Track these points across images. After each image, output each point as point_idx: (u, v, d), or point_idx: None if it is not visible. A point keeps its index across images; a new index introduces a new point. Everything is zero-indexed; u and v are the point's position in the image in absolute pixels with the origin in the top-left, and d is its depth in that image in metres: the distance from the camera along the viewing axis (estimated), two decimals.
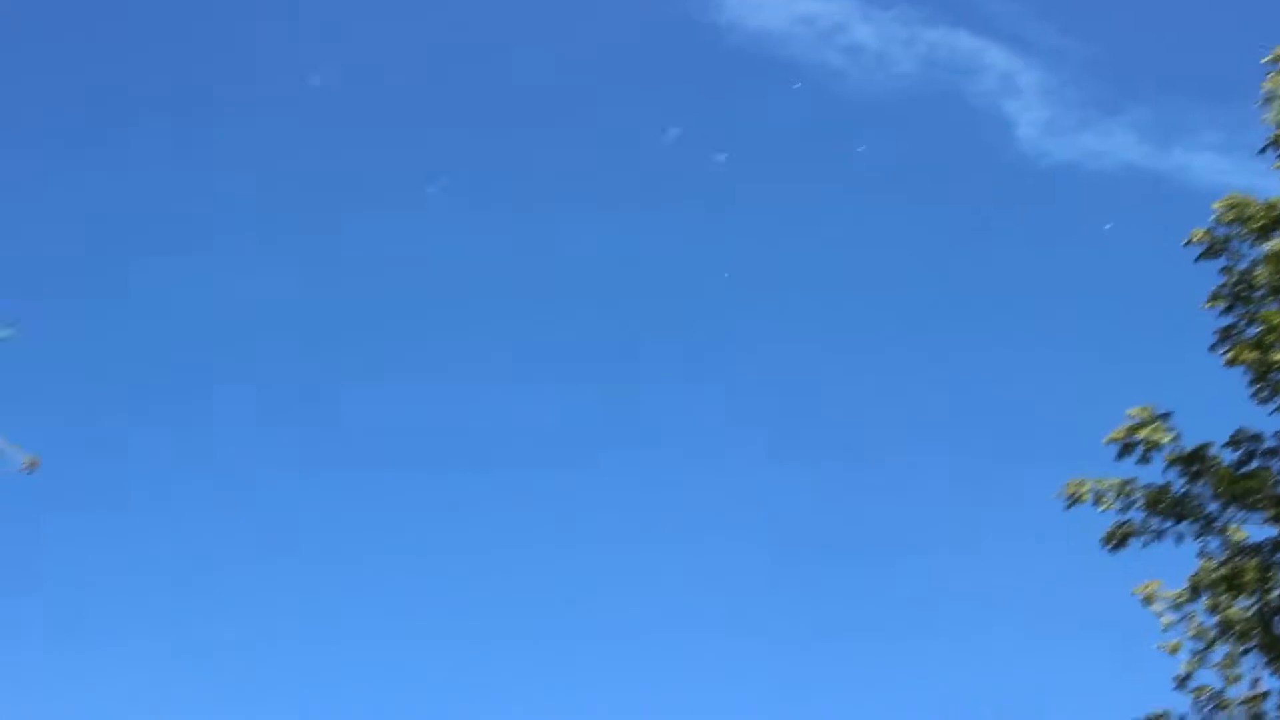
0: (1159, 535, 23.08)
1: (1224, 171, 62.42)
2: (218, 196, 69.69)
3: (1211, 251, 24.29)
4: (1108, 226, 62.60)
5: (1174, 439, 23.29)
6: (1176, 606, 24.03)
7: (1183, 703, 23.73)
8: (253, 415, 66.21)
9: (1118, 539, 23.18)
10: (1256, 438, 23.42)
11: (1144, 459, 23.28)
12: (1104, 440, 23.62)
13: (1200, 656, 23.45)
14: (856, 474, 65.25)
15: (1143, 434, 23.23)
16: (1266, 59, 25.01)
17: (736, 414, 66.75)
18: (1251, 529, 23.09)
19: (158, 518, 63.47)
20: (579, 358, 68.90)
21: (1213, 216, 24.51)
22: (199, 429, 66.00)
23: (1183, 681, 23.85)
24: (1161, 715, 23.44)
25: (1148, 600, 24.71)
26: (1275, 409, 23.44)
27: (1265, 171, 24.68)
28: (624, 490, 65.82)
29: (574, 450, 67.23)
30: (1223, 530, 23.06)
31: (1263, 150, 24.54)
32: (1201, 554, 23.27)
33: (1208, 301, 23.99)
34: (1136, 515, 23.14)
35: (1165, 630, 24.39)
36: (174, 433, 66.00)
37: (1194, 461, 23.01)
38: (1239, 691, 23.44)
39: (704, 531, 63.19)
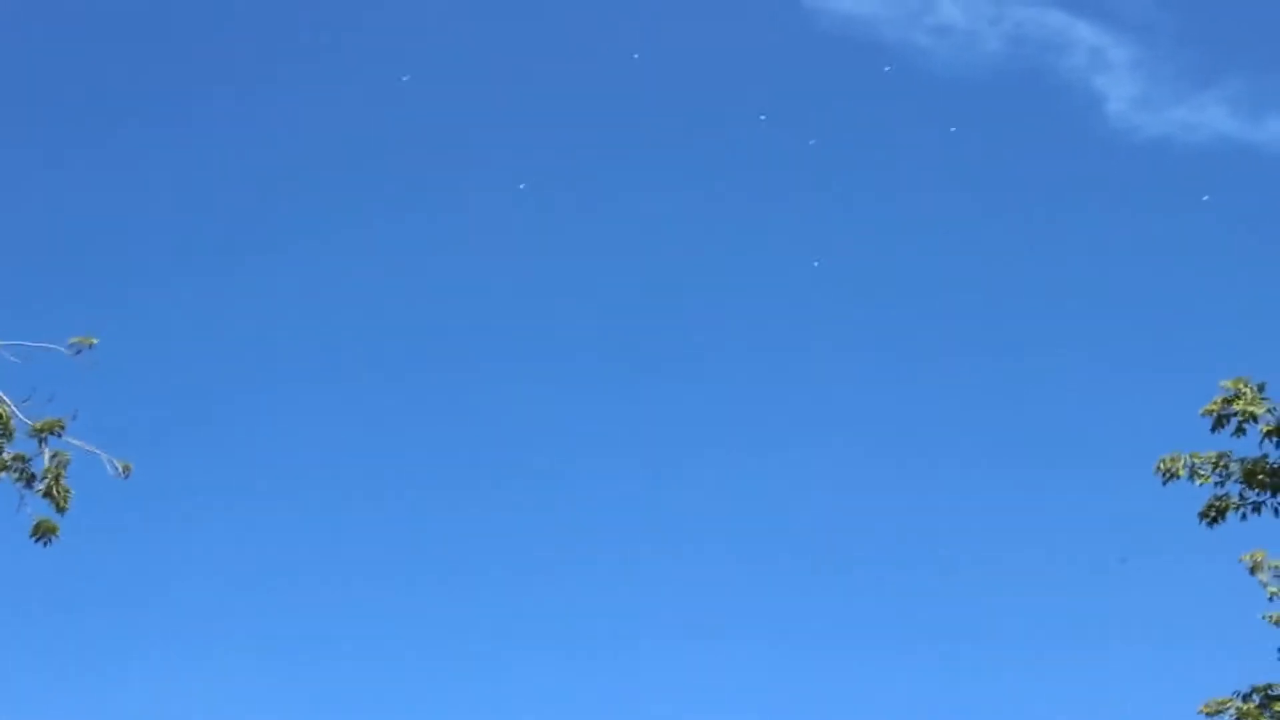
0: (1257, 508, 22.91)
1: None
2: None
3: None
4: (1205, 198, 61.74)
5: (1270, 409, 23.06)
6: None
7: None
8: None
9: (1216, 513, 23.02)
10: None
11: (1239, 431, 23.07)
12: (1199, 412, 23.45)
13: None
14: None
15: (1238, 405, 23.00)
16: None
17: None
18: None
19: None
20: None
21: None
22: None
23: None
24: (1268, 687, 23.27)
25: (1254, 569, 24.55)
26: None
27: None
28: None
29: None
30: None
31: None
32: None
33: None
34: (1233, 489, 23.01)
35: (1270, 599, 24.22)
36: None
37: None
38: None
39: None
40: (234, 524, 61.88)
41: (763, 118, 66.30)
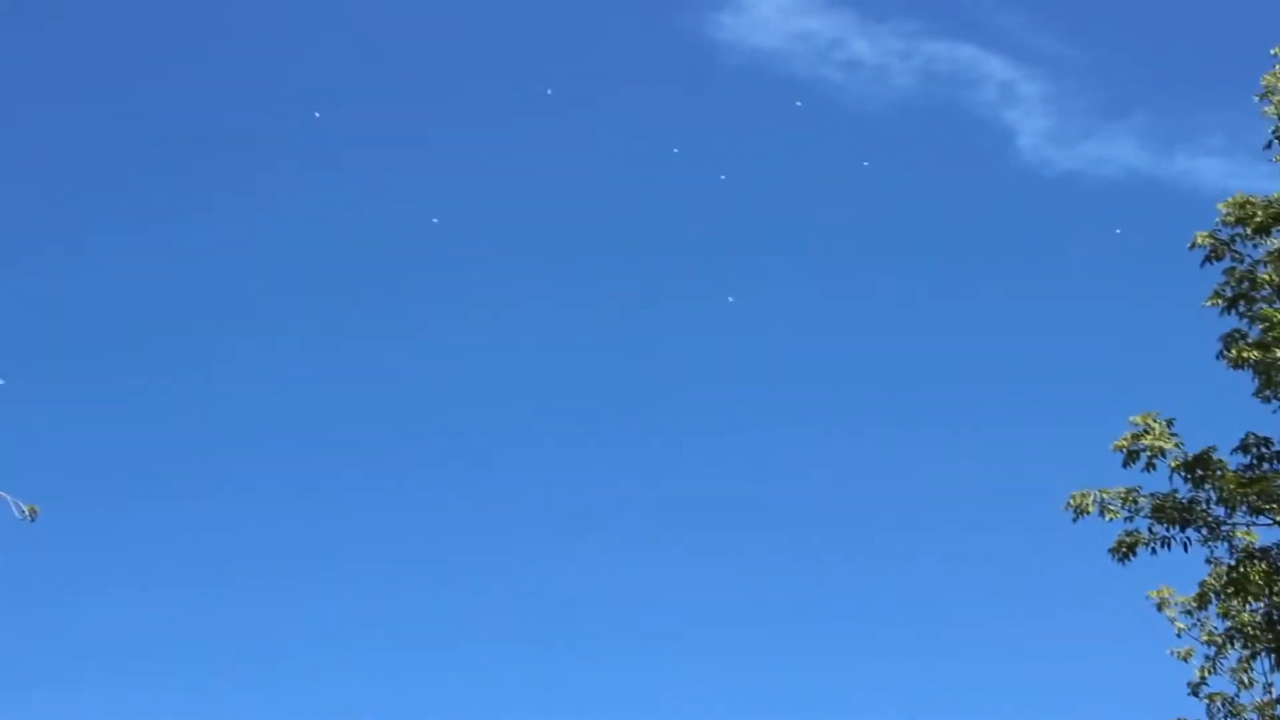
0: (1166, 543, 22.88)
1: (1228, 175, 62.08)
2: None
3: (1215, 254, 24.04)
4: (1118, 231, 62.20)
5: (1178, 445, 23.06)
6: (1188, 612, 23.94)
7: (1197, 709, 23.65)
8: None
9: (1125, 549, 22.97)
10: (1265, 441, 23.17)
11: (1149, 466, 23.05)
12: (1110, 448, 23.44)
13: (1213, 662, 23.35)
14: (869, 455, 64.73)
15: (1147, 441, 23.00)
16: (1276, 50, 24.74)
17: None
18: (1259, 532, 22.94)
19: None
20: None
21: (1217, 218, 24.30)
22: None
23: (1196, 688, 23.76)
24: None
25: (1161, 605, 24.64)
26: None
27: (1269, 174, 24.34)
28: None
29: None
30: (1230, 535, 22.88)
31: (1267, 146, 24.16)
32: (1209, 560, 23.14)
33: (1208, 300, 23.72)
34: (1142, 523, 22.98)
35: (1179, 636, 24.30)
36: None
37: (1198, 467, 22.78)
38: (1252, 697, 23.33)
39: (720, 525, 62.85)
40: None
41: (675, 150, 66.30)
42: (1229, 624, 23.29)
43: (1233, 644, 23.22)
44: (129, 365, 68.59)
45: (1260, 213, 23.78)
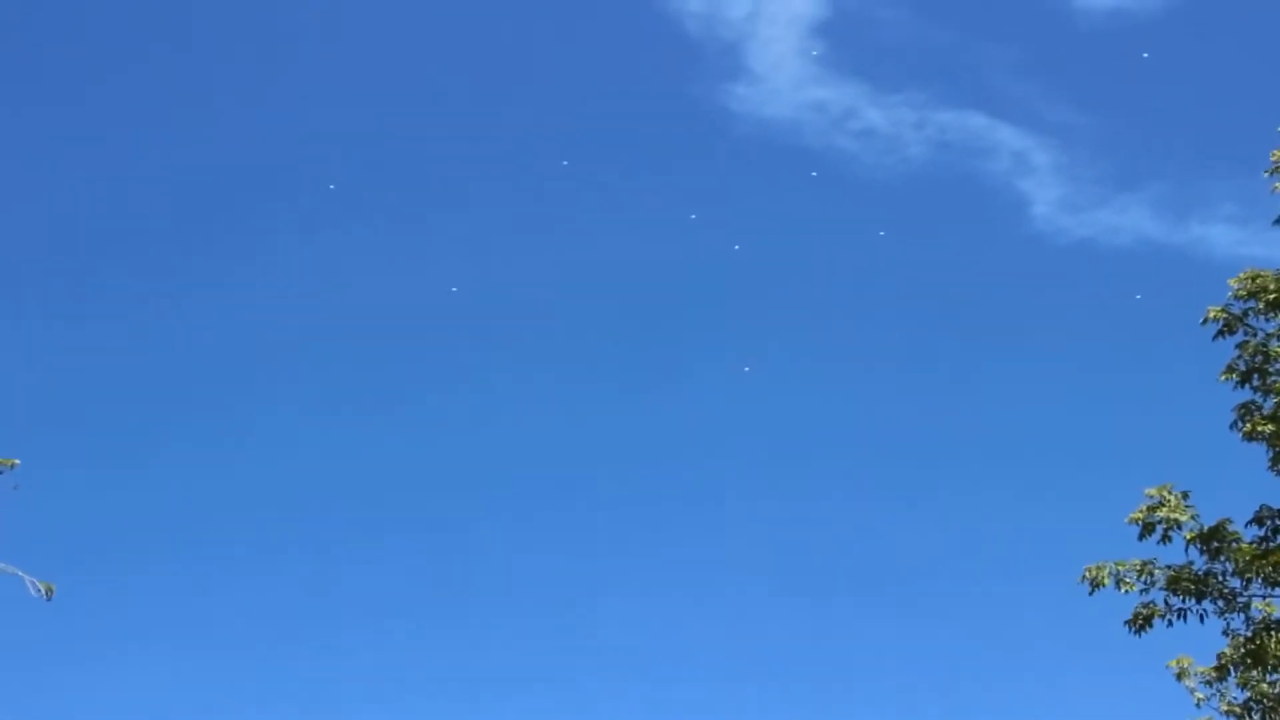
0: (1182, 615, 23.04)
1: (1241, 243, 61.94)
2: None
3: (1228, 329, 24.31)
4: (1138, 297, 62.48)
5: (1193, 517, 23.26)
6: (1208, 682, 24.04)
7: None
8: None
9: (1141, 620, 23.13)
10: None
11: (1164, 538, 23.23)
12: (1125, 520, 23.64)
13: None
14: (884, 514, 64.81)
15: (1162, 513, 23.16)
16: None
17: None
18: (1275, 603, 23.03)
19: None
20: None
21: (1229, 293, 24.57)
22: None
23: None
24: None
25: (1180, 675, 24.74)
26: None
27: None
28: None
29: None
30: (1246, 607, 23.03)
31: (1276, 222, 24.54)
32: (1226, 632, 23.26)
33: (1222, 374, 24.01)
34: (1158, 595, 23.16)
35: (1198, 706, 24.38)
36: None
37: (1214, 539, 22.98)
38: None
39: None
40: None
41: (693, 217, 66.83)
42: (1248, 694, 23.39)
43: (1251, 714, 23.31)
44: (146, 435, 68.85)
45: (1272, 286, 24.01)
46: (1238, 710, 23.76)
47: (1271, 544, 23.02)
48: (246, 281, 71.00)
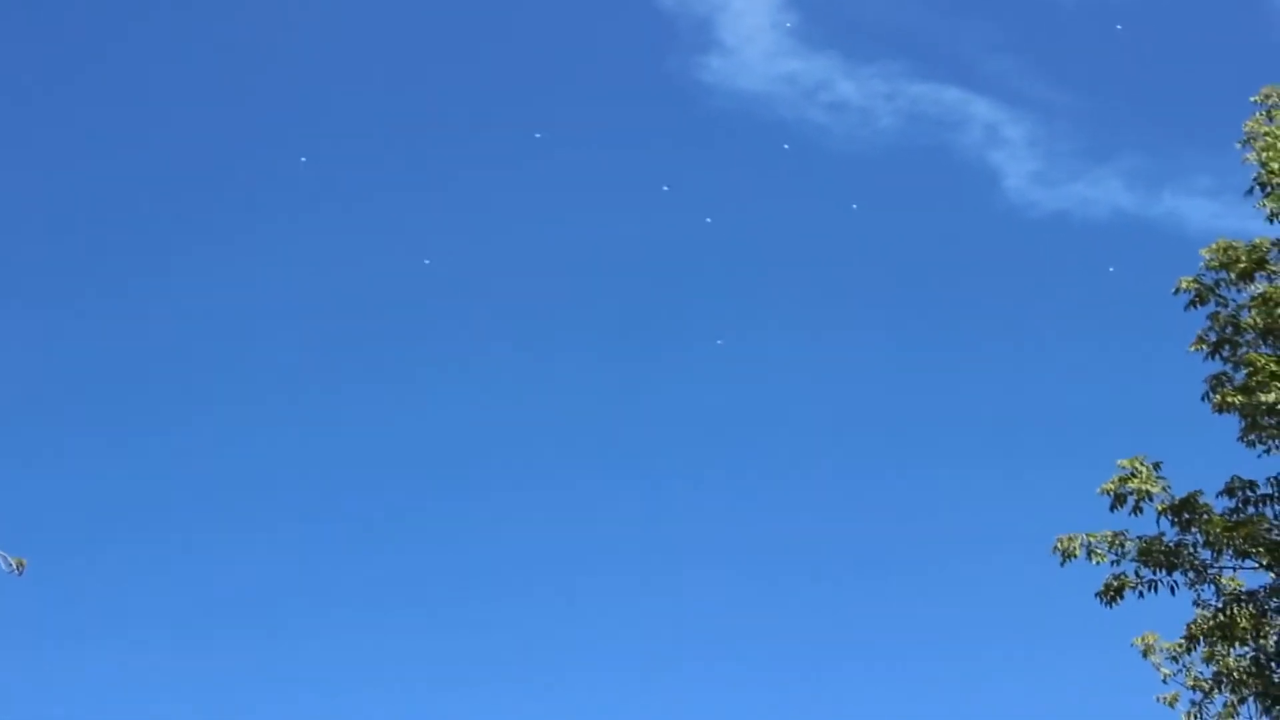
0: (1153, 586, 22.94)
1: (1217, 216, 62.18)
2: None
3: (1200, 299, 24.23)
4: (1111, 269, 62.51)
5: (1165, 488, 23.17)
6: (1174, 658, 23.90)
7: None
8: None
9: (1113, 592, 23.03)
10: (1251, 485, 23.29)
11: (1136, 510, 23.14)
12: (1097, 491, 23.52)
13: (1199, 707, 23.30)
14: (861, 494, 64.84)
15: (1133, 484, 23.08)
16: (1254, 98, 25.07)
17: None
18: (1245, 576, 23.01)
19: None
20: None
21: (1201, 263, 24.49)
22: None
23: None
24: None
25: (1146, 652, 24.58)
26: (1264, 452, 23.41)
27: (1257, 214, 24.61)
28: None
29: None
30: (1216, 579, 22.94)
31: (1248, 192, 24.46)
32: (1196, 603, 23.15)
33: (1193, 345, 23.96)
34: (1129, 567, 23.06)
35: (1164, 682, 24.25)
36: None
37: (1185, 510, 22.89)
38: None
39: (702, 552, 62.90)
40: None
41: (665, 189, 66.54)
42: (1215, 669, 23.26)
43: (1219, 689, 23.19)
44: (139, 409, 68.46)
45: (1244, 257, 23.99)
46: (1205, 685, 23.62)
47: (1242, 515, 22.98)
48: (227, 261, 70.62)
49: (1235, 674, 22.72)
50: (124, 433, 67.81)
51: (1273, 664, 22.47)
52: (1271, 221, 23.71)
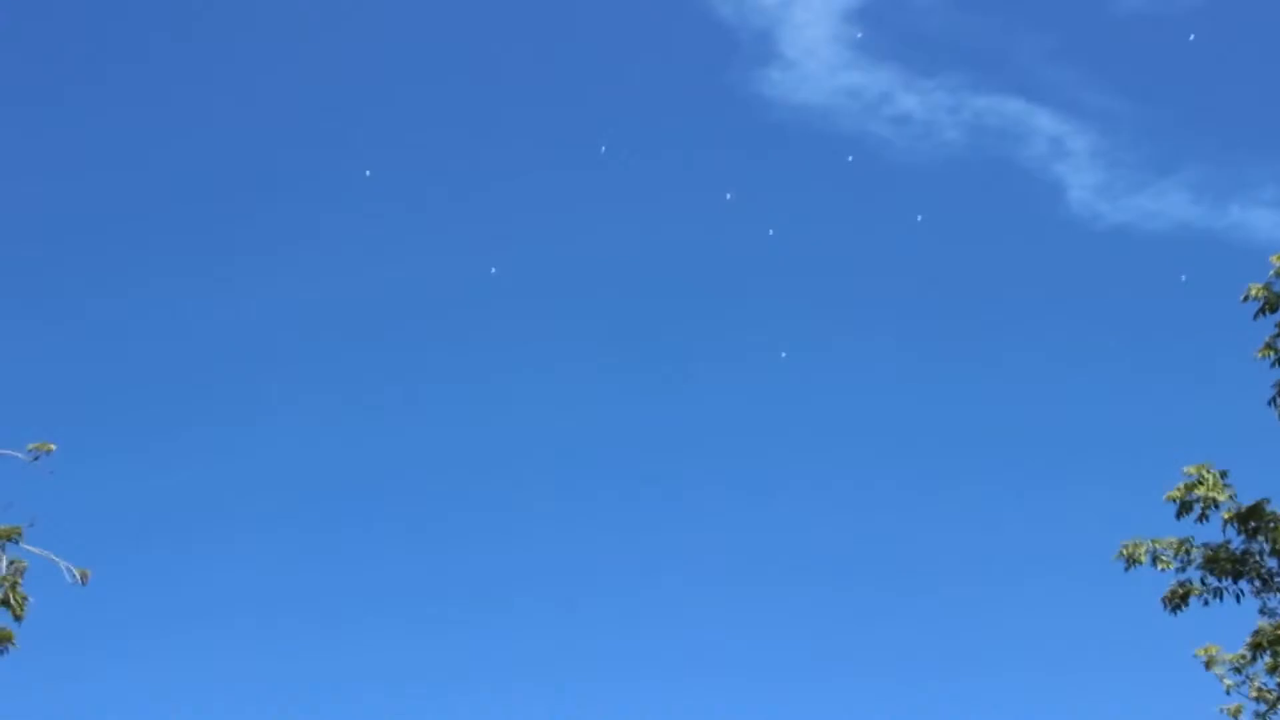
0: (1218, 594, 22.77)
1: None
2: None
3: (1269, 306, 24.00)
4: (1183, 278, 61.95)
5: (1231, 496, 22.97)
6: (1238, 669, 23.67)
7: None
8: None
9: (1178, 599, 22.87)
10: None
11: (1202, 517, 22.97)
12: (1163, 498, 23.35)
13: (1263, 718, 23.07)
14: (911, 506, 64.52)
15: (1200, 491, 22.91)
16: None
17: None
18: None
19: None
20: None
21: (1271, 270, 24.28)
22: None
23: None
24: None
25: (1209, 664, 24.36)
26: None
27: None
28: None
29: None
30: None
31: None
32: (1262, 611, 22.96)
33: (1260, 351, 23.73)
34: (1195, 574, 22.88)
35: (1227, 693, 24.02)
36: None
37: (1251, 518, 22.69)
38: None
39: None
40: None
41: (729, 196, 66.54)
42: (1278, 679, 23.03)
43: None
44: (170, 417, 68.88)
45: None
46: (1269, 696, 23.38)
47: None
48: (270, 270, 71.12)
49: None
50: (144, 439, 68.35)
51: None
52: None
